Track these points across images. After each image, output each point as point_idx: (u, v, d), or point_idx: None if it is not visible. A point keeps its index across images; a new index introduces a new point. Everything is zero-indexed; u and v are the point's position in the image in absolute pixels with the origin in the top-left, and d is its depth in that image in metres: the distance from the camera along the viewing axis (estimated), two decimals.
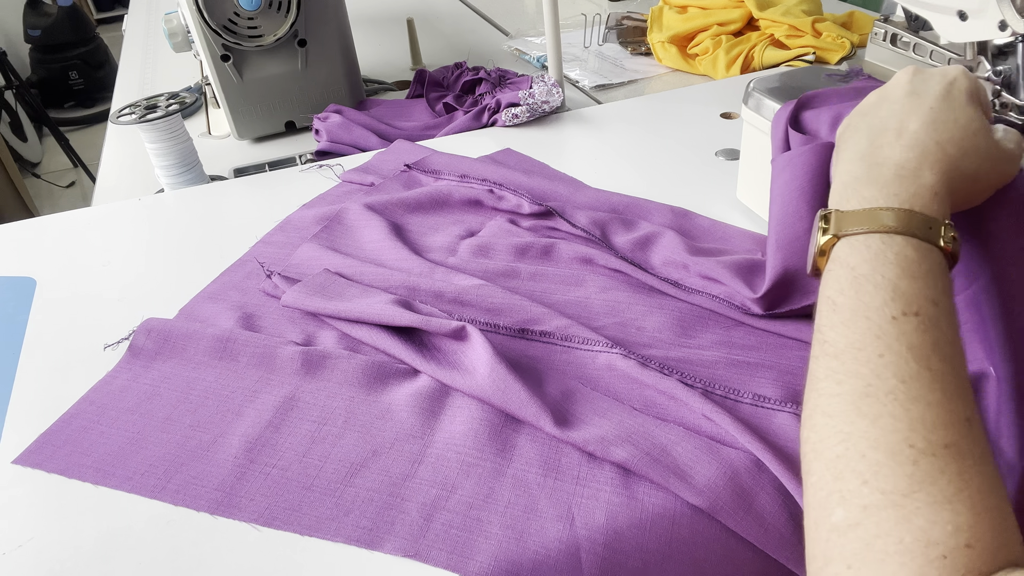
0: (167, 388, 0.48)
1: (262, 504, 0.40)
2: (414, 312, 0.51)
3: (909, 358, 0.30)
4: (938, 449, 0.28)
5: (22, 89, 2.76)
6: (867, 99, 0.43)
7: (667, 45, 1.05)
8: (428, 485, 0.41)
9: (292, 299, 0.54)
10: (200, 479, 0.42)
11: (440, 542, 0.38)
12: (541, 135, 0.81)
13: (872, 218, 0.35)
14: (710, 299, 0.53)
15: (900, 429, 0.29)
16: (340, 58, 0.90)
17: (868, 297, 0.33)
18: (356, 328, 0.51)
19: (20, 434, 0.47)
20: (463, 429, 0.44)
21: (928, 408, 0.29)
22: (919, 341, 0.31)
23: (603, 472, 0.41)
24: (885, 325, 0.31)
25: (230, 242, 0.64)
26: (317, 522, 0.39)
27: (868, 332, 0.32)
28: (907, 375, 0.30)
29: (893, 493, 0.27)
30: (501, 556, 0.37)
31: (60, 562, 0.39)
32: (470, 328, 0.48)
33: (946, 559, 0.26)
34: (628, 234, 0.60)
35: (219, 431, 0.45)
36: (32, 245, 0.68)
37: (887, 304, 0.32)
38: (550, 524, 0.39)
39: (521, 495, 0.40)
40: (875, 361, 0.31)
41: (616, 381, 0.47)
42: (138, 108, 0.73)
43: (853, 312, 0.33)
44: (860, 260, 0.34)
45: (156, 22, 1.44)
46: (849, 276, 0.34)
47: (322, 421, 0.45)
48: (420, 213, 0.66)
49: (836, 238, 0.36)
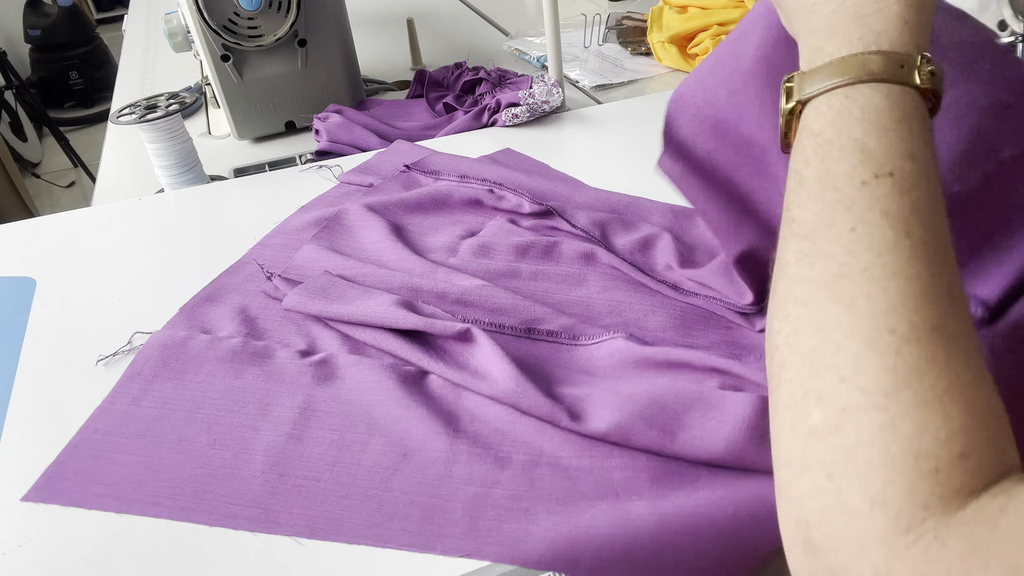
0: (174, 409, 0.47)
1: (301, 517, 0.40)
2: (417, 314, 0.50)
3: (884, 227, 0.26)
4: (923, 333, 0.24)
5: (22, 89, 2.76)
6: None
7: (667, 45, 1.05)
8: (466, 484, 0.41)
9: (293, 302, 0.54)
10: (231, 497, 0.41)
11: (492, 536, 0.38)
12: (541, 135, 0.81)
13: (832, 71, 0.30)
14: (707, 301, 0.53)
15: (878, 312, 0.25)
16: (340, 58, 0.90)
17: (834, 164, 0.29)
18: (359, 331, 0.51)
19: (20, 434, 0.47)
20: (490, 426, 0.44)
21: (909, 283, 0.25)
22: (895, 205, 0.27)
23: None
24: (855, 193, 0.28)
25: (230, 242, 0.64)
26: (362, 530, 0.39)
27: (838, 204, 0.28)
28: (883, 247, 0.26)
29: (875, 392, 0.24)
30: (556, 539, 0.37)
31: (60, 562, 0.39)
32: (475, 330, 0.48)
33: (939, 473, 0.22)
34: (628, 235, 0.60)
35: (239, 447, 0.44)
36: (32, 245, 0.68)
37: (855, 169, 0.28)
38: (596, 502, 0.39)
39: (561, 480, 0.41)
40: (847, 236, 0.27)
41: (622, 365, 0.47)
42: (138, 108, 0.73)
43: (820, 184, 0.29)
44: (824, 123, 0.30)
45: (156, 22, 1.44)
46: (814, 143, 0.30)
47: (343, 429, 0.45)
48: (420, 213, 0.66)
49: (800, 105, 0.31)
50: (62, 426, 0.47)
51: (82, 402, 0.49)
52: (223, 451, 0.44)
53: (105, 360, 0.52)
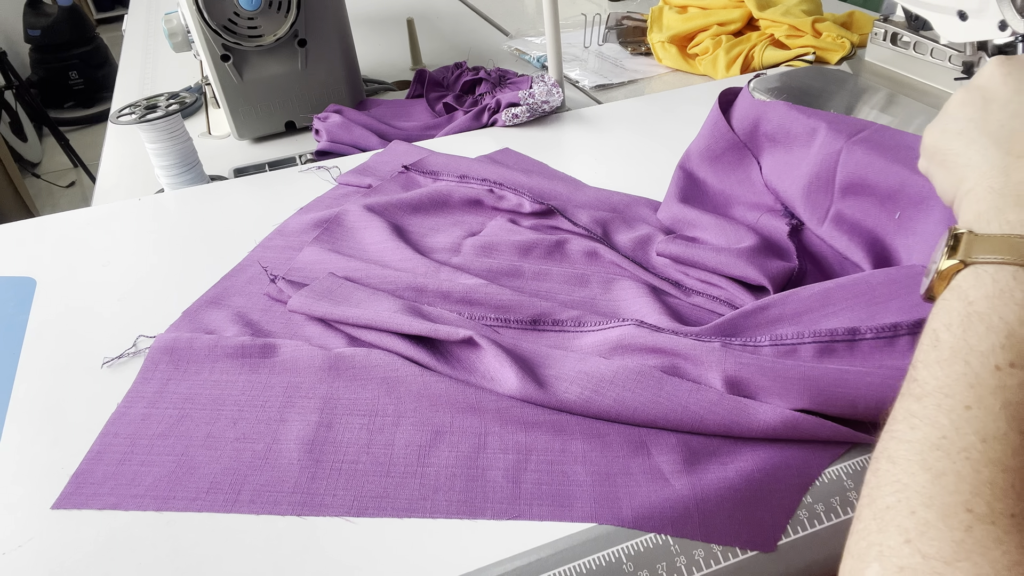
0: (194, 408, 0.47)
1: (346, 498, 0.41)
2: (423, 318, 0.50)
3: (1000, 417, 0.26)
4: (999, 517, 0.24)
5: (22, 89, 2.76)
6: (955, 101, 0.38)
7: (667, 45, 1.05)
8: (503, 453, 0.42)
9: (299, 304, 0.53)
10: (271, 486, 0.42)
11: (537, 499, 0.40)
12: (541, 135, 0.81)
13: (1012, 247, 0.30)
14: (709, 300, 0.53)
15: (962, 491, 0.25)
16: (340, 58, 0.90)
17: (976, 339, 0.28)
18: (365, 333, 0.51)
19: (20, 434, 0.47)
20: (512, 400, 0.45)
21: (1003, 473, 0.25)
22: (1019, 399, 0.27)
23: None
24: (984, 374, 0.27)
25: (230, 242, 0.64)
26: (410, 503, 0.40)
27: (963, 378, 0.28)
28: (990, 434, 0.26)
29: (935, 559, 0.24)
30: (599, 497, 0.39)
31: (60, 562, 0.39)
32: (477, 338, 0.48)
33: None
34: (629, 233, 0.60)
35: (270, 439, 0.44)
36: (32, 245, 0.68)
37: (995, 351, 0.28)
38: (630, 458, 0.41)
39: (594, 442, 0.42)
40: (959, 412, 0.27)
41: (633, 353, 0.47)
42: (138, 108, 0.73)
43: (953, 352, 0.29)
44: (980, 295, 0.30)
45: (156, 22, 1.44)
46: (963, 311, 0.30)
47: (371, 414, 0.45)
48: (420, 214, 0.66)
49: (963, 264, 0.31)
50: (62, 426, 0.47)
51: (82, 402, 0.49)
52: (254, 444, 0.44)
53: (110, 363, 0.52)
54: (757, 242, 0.55)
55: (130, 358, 0.52)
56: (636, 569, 0.36)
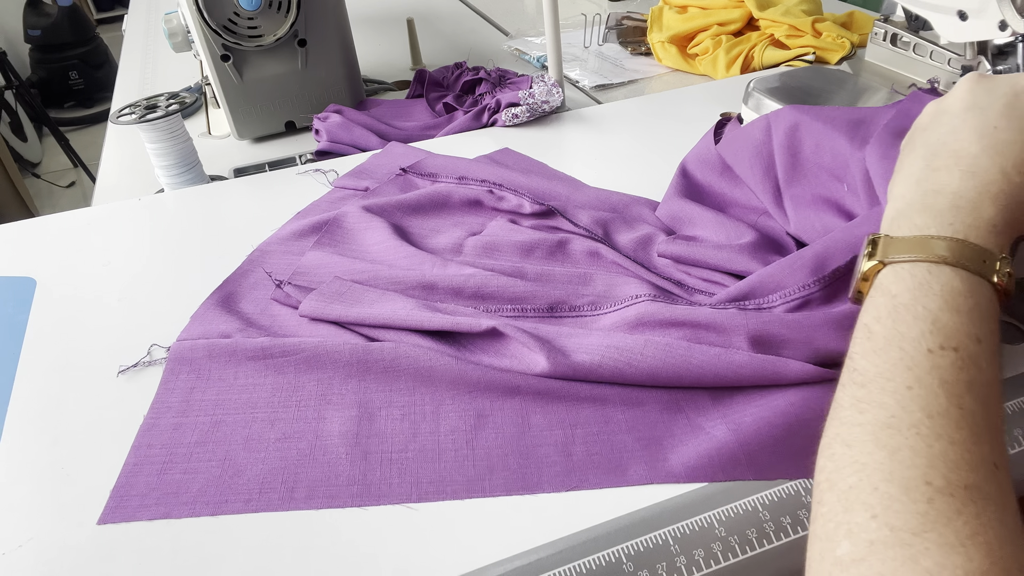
0: (226, 413, 0.46)
1: (403, 485, 0.41)
2: (440, 313, 0.50)
3: (940, 393, 0.29)
4: (957, 489, 0.26)
5: (22, 89, 2.76)
6: (925, 110, 0.41)
7: (667, 45, 1.05)
8: (549, 430, 0.43)
9: (311, 308, 0.53)
10: (324, 482, 0.41)
11: (591, 468, 0.41)
12: (541, 135, 0.81)
13: (922, 246, 0.33)
14: (710, 299, 0.53)
15: (919, 464, 0.27)
16: (340, 58, 0.90)
17: (905, 327, 0.31)
18: (383, 332, 0.50)
19: (20, 434, 0.47)
20: (548, 379, 0.45)
21: (952, 446, 0.27)
22: (953, 377, 0.29)
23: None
24: (919, 357, 0.30)
25: (230, 242, 0.64)
26: (468, 484, 0.41)
27: (900, 362, 0.30)
28: (935, 410, 0.28)
29: (902, 530, 0.26)
30: (650, 460, 0.41)
31: (60, 562, 0.39)
32: (501, 327, 0.48)
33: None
34: (630, 233, 0.60)
35: (312, 436, 0.44)
36: (32, 245, 0.68)
37: (924, 336, 0.30)
38: (671, 421, 0.43)
39: (634, 411, 0.44)
40: (902, 392, 0.29)
41: (653, 328, 0.48)
42: (138, 108, 0.73)
43: (887, 341, 0.31)
44: (903, 288, 0.33)
45: (156, 22, 1.44)
46: (889, 304, 0.33)
47: (410, 404, 0.46)
48: (420, 215, 0.66)
49: (882, 264, 0.34)
50: (62, 426, 0.47)
51: (82, 402, 0.49)
52: (298, 443, 0.44)
53: (125, 371, 0.51)
54: (757, 237, 0.55)
55: (145, 366, 0.51)
56: (636, 569, 0.36)
